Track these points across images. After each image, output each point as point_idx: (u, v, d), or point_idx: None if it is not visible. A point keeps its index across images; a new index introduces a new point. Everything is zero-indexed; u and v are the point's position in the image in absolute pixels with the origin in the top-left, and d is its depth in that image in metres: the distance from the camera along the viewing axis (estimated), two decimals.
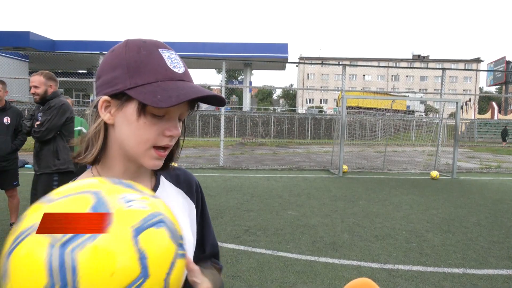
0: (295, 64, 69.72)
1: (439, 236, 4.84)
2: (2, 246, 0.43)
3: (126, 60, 0.69)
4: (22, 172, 4.95)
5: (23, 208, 5.36)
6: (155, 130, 0.70)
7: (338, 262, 3.84)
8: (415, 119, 20.20)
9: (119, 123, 0.71)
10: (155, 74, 0.68)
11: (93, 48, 28.66)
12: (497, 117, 32.34)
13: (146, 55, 0.69)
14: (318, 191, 7.85)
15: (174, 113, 0.71)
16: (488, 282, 3.44)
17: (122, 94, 0.69)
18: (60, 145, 3.59)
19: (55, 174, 3.54)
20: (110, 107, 0.71)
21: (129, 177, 0.76)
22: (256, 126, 29.45)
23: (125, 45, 0.72)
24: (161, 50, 0.71)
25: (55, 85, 3.67)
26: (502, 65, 39.64)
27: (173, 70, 0.70)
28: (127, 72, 0.68)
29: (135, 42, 0.71)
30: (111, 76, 0.70)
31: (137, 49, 0.70)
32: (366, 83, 65.10)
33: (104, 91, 0.71)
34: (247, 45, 33.36)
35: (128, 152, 0.72)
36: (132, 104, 0.69)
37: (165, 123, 0.71)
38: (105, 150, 0.74)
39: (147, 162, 0.72)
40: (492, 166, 13.54)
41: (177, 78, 0.70)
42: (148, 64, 0.68)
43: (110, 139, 0.74)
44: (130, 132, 0.70)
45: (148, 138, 0.70)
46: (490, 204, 6.91)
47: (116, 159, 0.75)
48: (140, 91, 0.67)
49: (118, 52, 0.71)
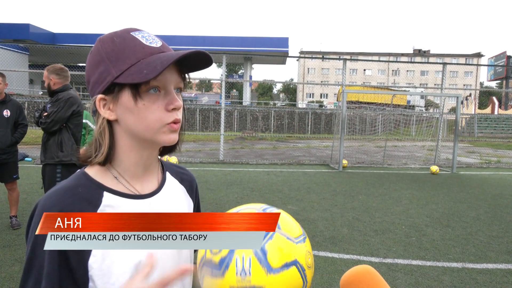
0: (296, 58, 69.41)
1: (439, 230, 4.85)
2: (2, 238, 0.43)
3: (104, 53, 0.70)
4: (21, 165, 4.95)
5: (23, 201, 5.37)
6: (156, 108, 0.70)
7: (338, 256, 3.85)
8: (415, 114, 20.17)
9: (121, 115, 0.71)
10: (135, 54, 0.68)
11: (93, 41, 27.95)
12: (497, 112, 32.28)
13: (121, 42, 0.70)
14: (318, 185, 7.86)
15: (169, 86, 0.71)
16: (487, 276, 3.46)
17: (113, 86, 0.69)
18: (65, 137, 3.63)
19: (59, 166, 3.58)
20: (107, 103, 0.72)
21: (141, 168, 0.77)
22: (256, 121, 29.40)
23: (98, 42, 0.73)
24: (133, 33, 0.72)
25: (58, 78, 3.68)
26: (503, 60, 39.50)
27: (151, 45, 0.70)
28: (110, 63, 0.69)
29: (107, 35, 0.72)
30: (97, 74, 0.71)
31: (111, 40, 0.71)
32: (366, 77, 64.91)
33: (97, 90, 0.71)
34: (248, 39, 33.25)
35: (141, 139, 0.73)
36: (125, 91, 0.69)
37: (163, 98, 0.70)
38: (114, 146, 0.74)
39: (163, 139, 0.72)
40: (492, 161, 13.54)
41: (158, 52, 0.70)
42: (125, 48, 0.69)
43: (117, 134, 0.74)
44: (134, 118, 0.70)
45: (155, 118, 0.70)
46: (490, 199, 6.92)
47: (127, 151, 0.75)
48: (127, 74, 0.67)
49: (95, 50, 0.72)
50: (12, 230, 4.32)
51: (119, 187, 0.75)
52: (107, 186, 0.74)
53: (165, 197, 0.81)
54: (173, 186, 0.87)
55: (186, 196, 0.90)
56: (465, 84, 61.71)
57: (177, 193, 0.87)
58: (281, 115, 30.11)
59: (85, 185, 0.73)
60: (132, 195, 0.75)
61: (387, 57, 62.75)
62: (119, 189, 0.75)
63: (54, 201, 0.68)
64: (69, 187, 0.71)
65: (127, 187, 0.76)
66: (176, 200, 0.85)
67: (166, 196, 0.82)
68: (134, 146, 0.74)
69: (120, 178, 0.76)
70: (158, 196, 0.80)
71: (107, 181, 0.74)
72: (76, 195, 0.70)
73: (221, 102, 12.81)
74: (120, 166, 0.76)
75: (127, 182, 0.76)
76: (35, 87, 33.10)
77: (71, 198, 0.69)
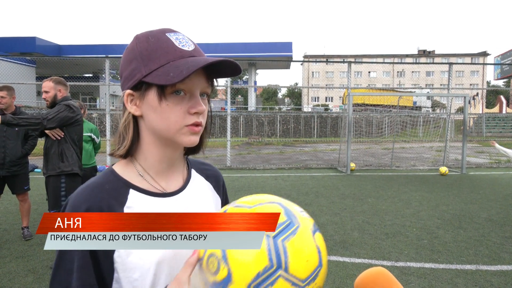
0: (300, 62, 69.51)
1: (451, 232, 4.80)
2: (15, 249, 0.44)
3: (138, 51, 0.72)
4: (32, 177, 5.00)
5: (34, 212, 5.42)
6: (179, 110, 0.71)
7: (349, 261, 3.82)
8: (422, 115, 20.04)
9: (146, 112, 0.73)
10: (166, 56, 0.70)
11: (99, 52, 28.86)
12: (505, 111, 31.95)
13: (155, 42, 0.72)
14: (326, 189, 7.82)
15: (194, 90, 0.73)
16: (502, 278, 3.40)
17: (142, 84, 0.72)
18: (66, 148, 3.66)
19: (62, 176, 3.60)
20: (134, 99, 0.74)
21: (165, 165, 0.79)
22: (262, 126, 29.42)
23: (135, 39, 0.75)
24: (168, 34, 0.73)
25: (65, 90, 3.75)
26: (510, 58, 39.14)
27: (182, 49, 0.72)
28: (141, 61, 0.71)
29: (143, 34, 0.75)
30: (129, 70, 0.73)
31: (146, 39, 0.73)
32: (371, 79, 64.65)
33: (126, 86, 0.74)
34: (251, 44, 33.38)
35: (162, 137, 0.75)
36: (152, 90, 0.71)
37: (187, 101, 0.72)
38: (138, 141, 0.77)
39: (183, 140, 0.74)
40: (502, 160, 13.38)
41: (188, 55, 0.72)
42: (158, 48, 0.71)
43: (142, 130, 0.76)
44: (157, 117, 0.72)
45: (175, 119, 0.72)
46: (501, 199, 6.83)
47: (150, 148, 0.77)
48: (155, 75, 0.69)
49: (130, 47, 0.74)
50: (25, 241, 4.36)
51: (144, 184, 0.77)
52: (132, 183, 0.76)
53: (191, 195, 0.83)
54: (199, 183, 0.88)
55: (213, 193, 0.91)
56: (472, 84, 61.27)
57: (203, 190, 0.88)
58: (287, 120, 30.10)
59: (112, 182, 0.75)
60: (158, 193, 0.77)
61: (391, 58, 62.53)
62: (144, 186, 0.76)
63: (84, 198, 0.71)
64: (97, 184, 0.74)
65: (152, 184, 0.77)
66: (202, 197, 0.86)
67: (192, 194, 0.83)
68: (157, 143, 0.76)
69: (145, 175, 0.77)
70: (184, 194, 0.81)
71: (132, 178, 0.76)
72: (103, 192, 0.73)
73: (227, 108, 12.85)
74: (145, 162, 0.78)
75: (152, 179, 0.78)
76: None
77: (99, 195, 0.72)
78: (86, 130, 4.80)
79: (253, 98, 35.97)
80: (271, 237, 0.60)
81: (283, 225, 0.62)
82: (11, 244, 4.25)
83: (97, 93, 34.09)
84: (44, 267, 3.60)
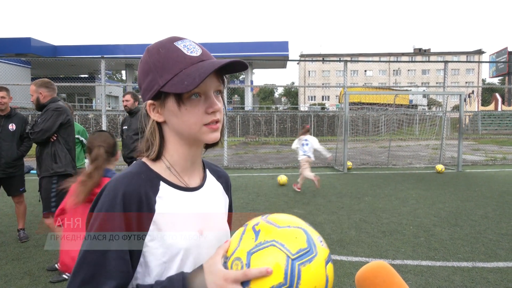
0: (296, 61, 69.50)
1: (447, 230, 4.82)
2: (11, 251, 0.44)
3: (152, 63, 0.80)
4: (27, 178, 4.97)
5: (30, 214, 5.39)
6: (197, 111, 0.79)
7: (346, 259, 3.83)
8: (418, 113, 20.10)
9: (168, 118, 0.82)
10: (178, 65, 0.78)
11: (94, 52, 28.71)
12: (501, 108, 32.08)
13: (165, 53, 0.79)
14: (323, 188, 7.83)
15: (208, 91, 0.80)
16: (498, 275, 3.42)
17: (160, 93, 0.79)
18: (58, 149, 3.66)
19: (54, 177, 3.61)
20: (156, 108, 0.82)
21: (189, 162, 0.87)
22: (259, 125, 29.40)
23: (147, 52, 0.82)
24: (176, 43, 0.80)
25: (47, 91, 3.74)
26: (505, 56, 39.28)
27: (191, 55, 0.79)
28: (156, 73, 0.79)
29: (154, 46, 0.82)
30: (147, 82, 0.81)
31: (157, 51, 0.80)
32: (367, 78, 64.80)
33: (147, 97, 0.82)
34: (247, 44, 33.34)
35: (187, 138, 0.83)
36: (170, 98, 0.79)
37: (203, 102, 0.79)
38: (164, 143, 0.85)
39: (205, 138, 0.81)
40: (497, 158, 13.45)
41: (197, 61, 0.79)
42: (169, 59, 0.78)
43: (166, 133, 0.85)
44: (179, 121, 0.80)
45: (195, 120, 0.79)
46: (497, 196, 6.87)
47: (176, 147, 0.85)
48: (171, 84, 0.77)
49: (144, 60, 0.82)
50: (20, 243, 4.33)
51: (172, 178, 0.85)
52: (163, 176, 0.84)
53: (208, 192, 0.91)
54: (213, 182, 0.96)
55: (223, 193, 0.99)
56: (467, 82, 61.45)
57: (216, 189, 0.96)
58: (284, 119, 30.11)
59: (146, 172, 0.82)
60: (183, 187, 0.85)
61: (387, 57, 62.68)
62: (172, 180, 0.84)
63: (124, 183, 0.78)
64: (135, 173, 0.81)
65: (178, 179, 0.85)
66: (216, 195, 0.95)
67: (209, 191, 0.92)
68: (181, 143, 0.84)
69: (172, 169, 0.85)
70: (203, 190, 0.90)
71: (161, 171, 0.84)
72: (140, 180, 0.80)
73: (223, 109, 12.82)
74: (171, 159, 0.85)
75: (177, 173, 0.86)
76: None
77: (138, 181, 0.79)
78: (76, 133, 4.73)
79: (250, 97, 35.92)
80: (291, 259, 0.68)
81: (303, 251, 0.70)
82: (7, 246, 4.22)
83: (93, 93, 33.94)
84: (40, 269, 3.58)
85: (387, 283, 0.76)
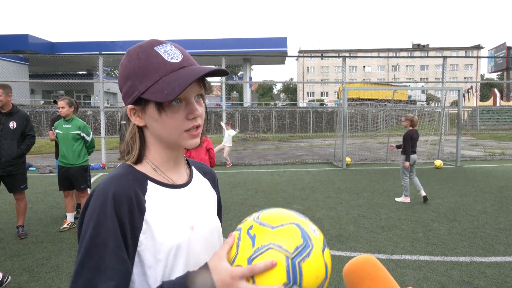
0: (295, 57, 69.42)
1: (445, 225, 4.83)
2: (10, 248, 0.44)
3: (132, 69, 0.79)
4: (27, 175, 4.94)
5: (29, 211, 5.40)
6: (178, 118, 0.79)
7: (345, 255, 3.84)
8: (417, 108, 20.11)
9: (149, 122, 0.82)
10: (158, 71, 0.76)
11: (92, 49, 28.59)
12: (499, 103, 32.11)
13: (145, 59, 0.78)
14: (322, 184, 7.85)
15: (189, 97, 0.79)
16: (496, 269, 3.44)
17: (141, 99, 0.79)
18: None
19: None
20: (137, 112, 0.82)
21: (172, 163, 0.88)
22: (258, 121, 29.40)
23: (127, 56, 0.81)
24: (157, 47, 0.79)
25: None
26: (503, 51, 39.26)
27: (171, 61, 0.77)
28: (136, 79, 0.78)
29: (134, 50, 0.80)
30: (127, 87, 0.80)
31: (136, 56, 0.79)
32: (366, 74, 64.75)
33: (127, 101, 0.81)
34: (246, 40, 33.21)
35: (167, 142, 0.83)
36: (151, 104, 0.79)
37: (184, 108, 0.79)
38: (145, 146, 0.85)
39: (185, 143, 0.82)
40: (495, 153, 13.48)
41: (178, 67, 0.77)
42: (149, 65, 0.77)
43: (147, 136, 0.85)
44: (159, 126, 0.80)
45: (176, 126, 0.79)
46: (495, 191, 6.89)
47: (157, 151, 0.85)
48: (151, 92, 0.76)
49: (124, 64, 0.81)
50: (19, 240, 4.34)
51: (158, 177, 0.85)
52: (150, 176, 0.84)
53: (196, 188, 0.92)
54: (200, 179, 0.97)
55: (211, 188, 1.00)
56: (466, 77, 61.52)
57: (204, 185, 0.97)
58: (282, 115, 30.11)
59: (133, 173, 0.82)
60: (171, 185, 0.86)
61: (386, 53, 62.62)
62: (159, 179, 0.85)
63: (113, 184, 0.77)
64: (122, 174, 0.81)
65: (165, 177, 0.86)
66: (204, 190, 0.96)
67: (197, 187, 0.93)
68: (162, 146, 0.85)
69: (157, 170, 0.86)
70: (190, 187, 0.90)
71: (148, 172, 0.84)
72: (128, 181, 0.80)
73: (222, 104, 12.82)
74: (155, 161, 0.86)
75: (163, 173, 0.86)
76: (36, 97, 33.20)
77: (126, 182, 0.79)
78: (74, 128, 4.66)
79: (248, 94, 35.86)
80: (290, 258, 0.70)
81: (300, 248, 0.71)
82: (6, 243, 4.23)
83: (91, 90, 33.84)
84: (39, 265, 3.58)
85: (372, 276, 0.77)
